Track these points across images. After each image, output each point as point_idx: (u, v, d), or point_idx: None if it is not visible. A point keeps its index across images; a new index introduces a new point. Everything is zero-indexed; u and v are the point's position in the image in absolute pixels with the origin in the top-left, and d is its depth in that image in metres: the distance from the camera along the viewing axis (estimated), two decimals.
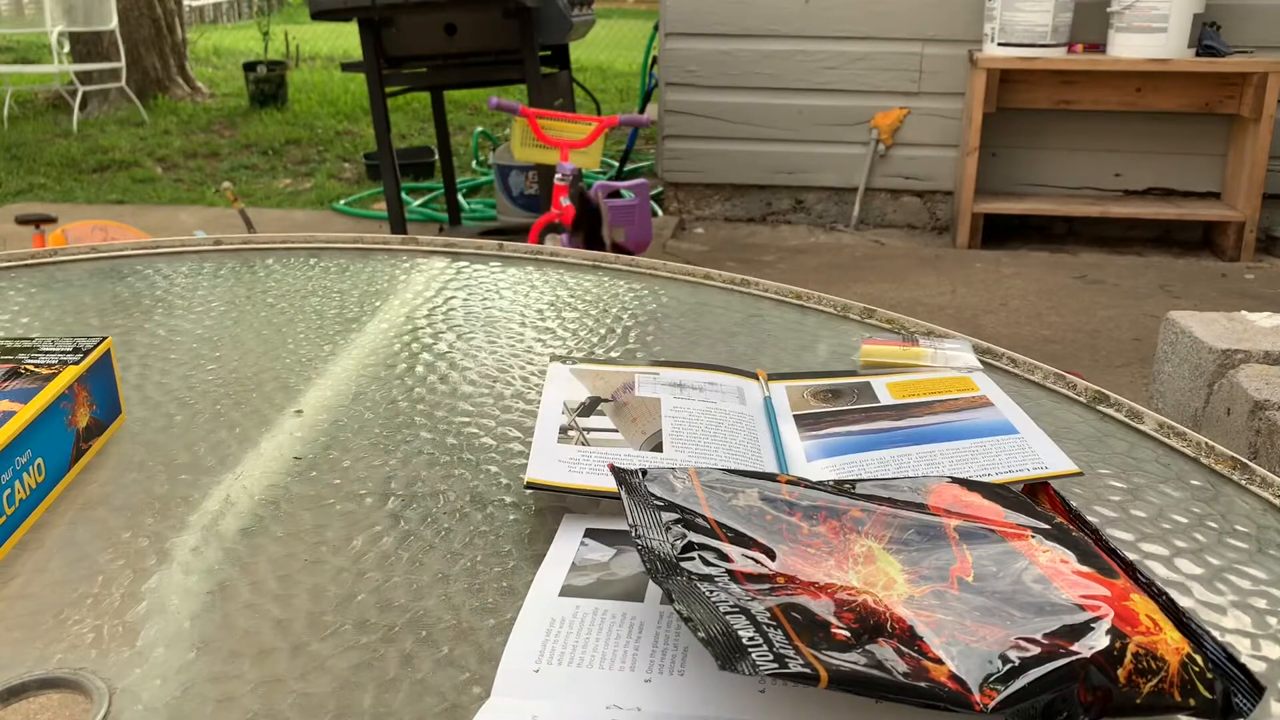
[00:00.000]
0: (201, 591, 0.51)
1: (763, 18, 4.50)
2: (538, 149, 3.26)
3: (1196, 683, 0.41)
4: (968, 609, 0.43)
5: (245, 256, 1.02)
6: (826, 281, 3.91)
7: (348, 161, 5.96)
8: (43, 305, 0.87)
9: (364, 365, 0.77)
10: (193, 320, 0.85)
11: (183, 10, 8.14)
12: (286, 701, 0.44)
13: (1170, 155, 4.48)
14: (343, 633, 0.48)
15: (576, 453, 0.60)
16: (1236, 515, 0.61)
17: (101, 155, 6.00)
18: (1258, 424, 1.69)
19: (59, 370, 0.60)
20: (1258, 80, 4.10)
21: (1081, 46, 4.24)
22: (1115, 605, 0.43)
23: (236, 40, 10.87)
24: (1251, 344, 1.88)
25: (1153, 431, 0.71)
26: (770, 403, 0.69)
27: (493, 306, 0.90)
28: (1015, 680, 0.39)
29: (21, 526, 0.55)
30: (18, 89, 7.56)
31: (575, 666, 0.44)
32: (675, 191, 4.81)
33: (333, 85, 7.94)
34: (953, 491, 0.53)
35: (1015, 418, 0.66)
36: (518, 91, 5.15)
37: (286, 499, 0.59)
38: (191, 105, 7.41)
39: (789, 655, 0.39)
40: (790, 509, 0.50)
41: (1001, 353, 0.83)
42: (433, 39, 3.73)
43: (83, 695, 0.44)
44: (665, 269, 1.00)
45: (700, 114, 4.64)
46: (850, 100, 4.55)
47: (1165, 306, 3.61)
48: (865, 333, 0.87)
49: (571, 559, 0.52)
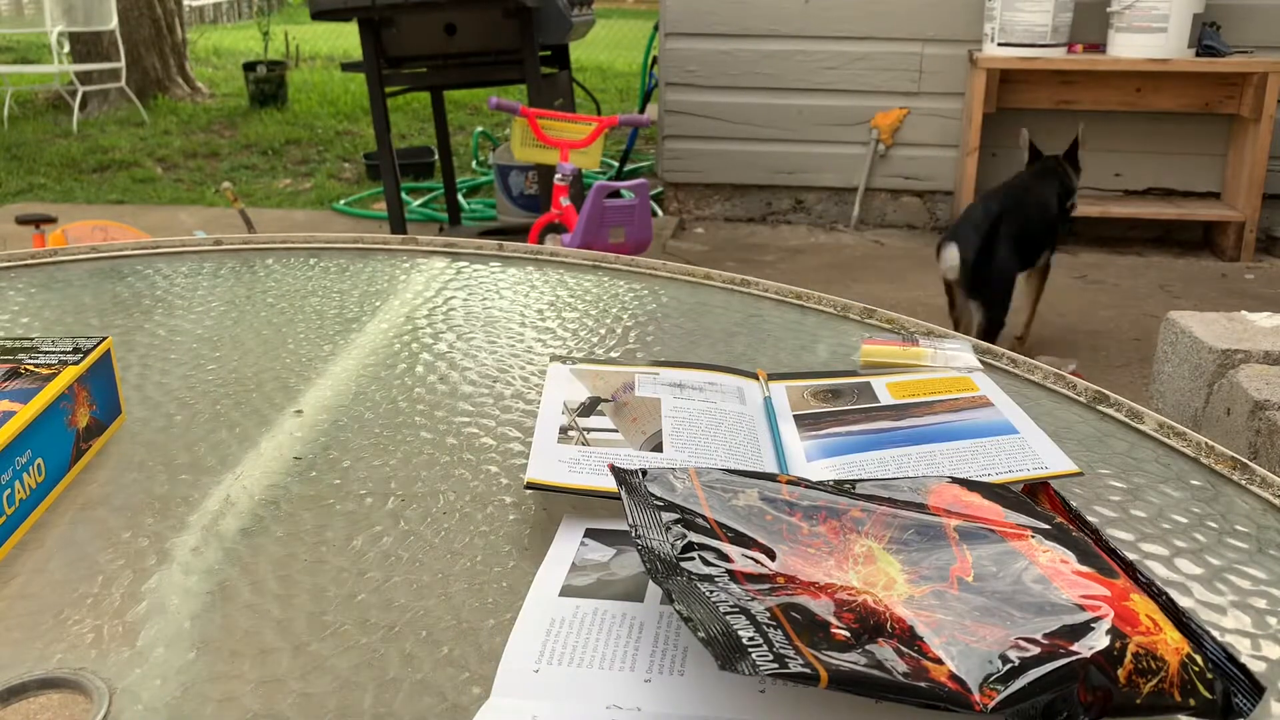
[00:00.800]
0: (201, 591, 0.51)
1: (763, 18, 4.50)
2: (538, 149, 3.26)
3: (1196, 683, 0.41)
4: (968, 609, 0.43)
5: (245, 256, 1.02)
6: (826, 281, 3.91)
7: (348, 161, 5.96)
8: (43, 305, 0.87)
9: (364, 365, 0.77)
10: (193, 320, 0.85)
11: (183, 10, 8.14)
12: (287, 701, 0.44)
13: (1170, 155, 4.48)
14: (343, 632, 0.48)
15: (576, 453, 0.60)
16: (1236, 515, 0.61)
17: (101, 155, 6.00)
18: (1258, 424, 1.69)
19: (59, 370, 0.60)
20: (1258, 80, 4.10)
21: (1081, 46, 4.24)
22: (1115, 605, 0.43)
23: (236, 40, 10.88)
24: (1251, 344, 1.88)
25: (1153, 431, 0.71)
26: (770, 403, 0.69)
27: (493, 306, 0.90)
28: (1015, 680, 0.39)
29: (21, 526, 0.55)
30: (18, 89, 7.57)
31: (575, 666, 0.44)
32: (675, 191, 4.81)
33: (333, 85, 7.94)
34: (953, 491, 0.53)
35: (1015, 418, 0.66)
36: (518, 91, 5.15)
37: (286, 499, 0.59)
38: (191, 105, 7.41)
39: (789, 655, 0.39)
40: (790, 509, 0.50)
41: (1001, 353, 0.83)
42: (433, 39, 3.73)
43: (83, 695, 0.44)
44: (665, 269, 1.00)
45: (700, 114, 4.64)
46: (850, 100, 4.55)
47: (1165, 306, 3.61)
48: (865, 333, 0.87)
49: (571, 559, 0.52)
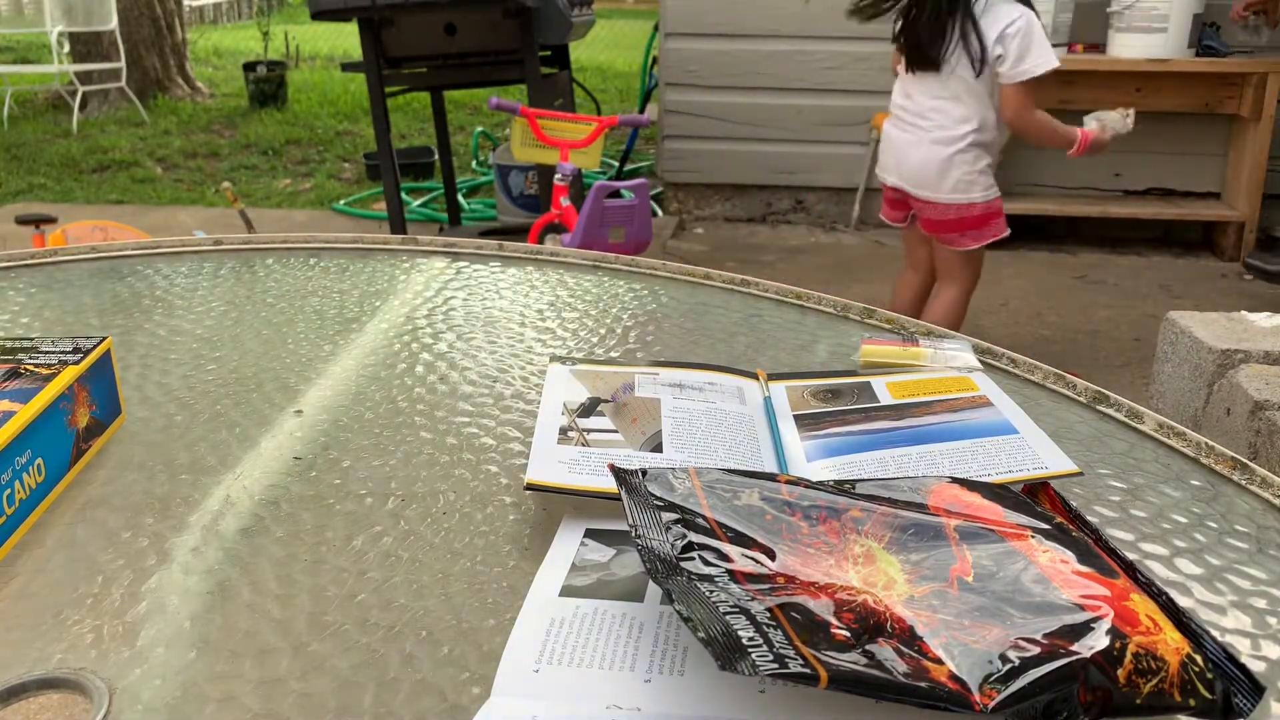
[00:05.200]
0: (201, 591, 0.51)
1: (763, 18, 4.49)
2: (538, 149, 3.25)
3: (1196, 683, 0.41)
4: (968, 609, 0.43)
5: (245, 256, 1.02)
6: (826, 281, 3.91)
7: (348, 161, 5.96)
8: (43, 305, 0.87)
9: (364, 365, 0.77)
10: (193, 320, 0.85)
11: (183, 10, 8.13)
12: (287, 701, 0.44)
13: (1170, 155, 4.48)
14: (343, 632, 0.48)
15: (576, 454, 0.60)
16: (1236, 515, 0.61)
17: (101, 155, 6.00)
18: (1258, 424, 1.69)
19: (59, 370, 0.60)
20: (1257, 80, 4.10)
21: (1081, 46, 4.23)
22: (1115, 605, 0.43)
23: (236, 40, 10.87)
24: (1251, 344, 1.88)
25: (1152, 431, 0.71)
26: (770, 403, 0.69)
27: (493, 306, 0.90)
28: (1015, 680, 0.39)
29: (21, 526, 0.55)
30: (18, 89, 7.56)
31: (575, 666, 0.44)
32: (675, 191, 4.81)
33: (333, 85, 7.94)
34: (953, 491, 0.53)
35: (1015, 418, 0.66)
36: (518, 91, 5.14)
37: (287, 499, 0.59)
38: (191, 105, 7.41)
39: (789, 655, 0.39)
40: (790, 509, 0.50)
41: (1001, 353, 0.83)
42: (433, 39, 3.72)
43: (83, 695, 0.44)
44: (665, 269, 1.00)
45: (700, 114, 4.64)
46: (850, 100, 4.54)
47: (1165, 306, 3.61)
48: (865, 333, 0.87)
49: (571, 559, 0.52)
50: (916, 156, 2.52)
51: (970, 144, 2.46)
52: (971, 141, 2.46)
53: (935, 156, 2.48)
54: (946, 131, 2.47)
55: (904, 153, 2.56)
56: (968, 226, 2.54)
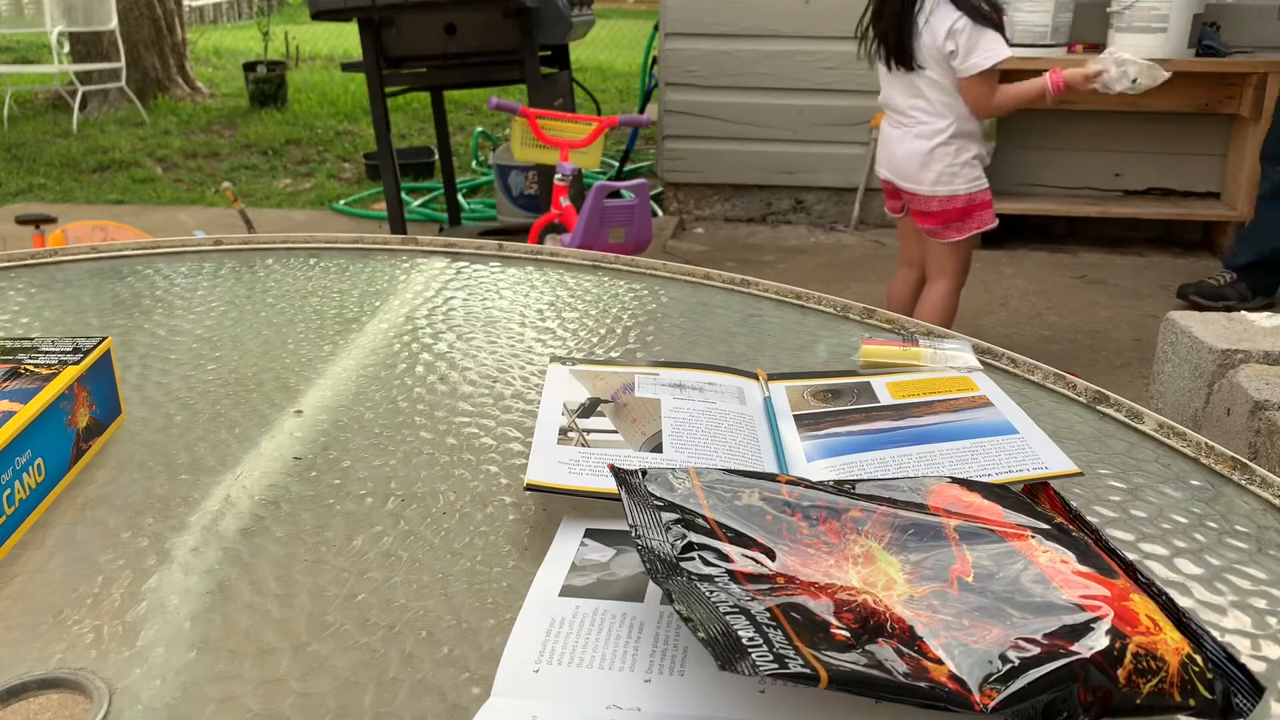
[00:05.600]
0: (201, 591, 0.51)
1: (762, 18, 4.49)
2: (538, 149, 3.25)
3: (1196, 683, 0.41)
4: (968, 609, 0.43)
5: (245, 256, 1.02)
6: (826, 281, 3.91)
7: (348, 161, 5.96)
8: (43, 305, 0.87)
9: (364, 365, 0.77)
10: (193, 320, 0.85)
11: (183, 10, 8.13)
12: (287, 701, 0.44)
13: (1170, 155, 4.48)
14: (343, 632, 0.48)
15: (576, 454, 0.60)
16: (1236, 515, 0.61)
17: (101, 155, 6.00)
18: (1258, 424, 1.69)
19: (59, 370, 0.60)
20: (1257, 80, 4.10)
21: (1081, 46, 4.23)
22: (1115, 605, 0.43)
23: (236, 40, 10.87)
24: (1251, 344, 1.88)
25: (1153, 431, 0.71)
26: (770, 403, 0.69)
27: (493, 306, 0.90)
28: (1015, 680, 0.39)
29: (21, 526, 0.55)
30: (18, 89, 7.56)
31: (575, 666, 0.44)
32: (675, 191, 4.81)
33: (333, 85, 7.94)
34: (953, 491, 0.53)
35: (1015, 418, 0.66)
36: (518, 91, 5.14)
37: (286, 499, 0.59)
38: (191, 105, 7.41)
39: (789, 655, 0.39)
40: (790, 509, 0.50)
41: (1001, 353, 0.83)
42: (433, 39, 3.72)
43: (83, 695, 0.44)
44: (665, 269, 1.00)
45: (700, 114, 4.64)
46: (850, 100, 4.54)
47: (1165, 306, 3.61)
48: (865, 333, 0.87)
49: (571, 559, 0.52)
50: (902, 151, 2.61)
51: (950, 136, 2.53)
52: (952, 134, 2.53)
53: (918, 151, 2.56)
54: (926, 126, 2.55)
55: (892, 147, 2.64)
56: (951, 219, 2.60)
